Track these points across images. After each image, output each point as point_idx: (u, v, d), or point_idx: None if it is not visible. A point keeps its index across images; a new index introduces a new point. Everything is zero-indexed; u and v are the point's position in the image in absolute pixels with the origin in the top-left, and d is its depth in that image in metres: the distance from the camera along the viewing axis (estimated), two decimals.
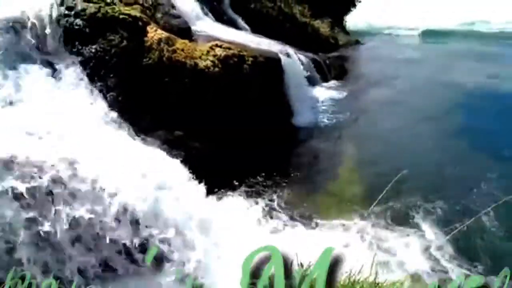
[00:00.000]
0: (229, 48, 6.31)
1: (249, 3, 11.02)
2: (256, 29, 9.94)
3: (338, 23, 15.64)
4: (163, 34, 5.88)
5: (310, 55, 10.24)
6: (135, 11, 5.86)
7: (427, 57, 13.31)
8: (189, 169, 4.79)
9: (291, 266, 1.38)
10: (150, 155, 4.39)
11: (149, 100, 5.39)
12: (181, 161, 4.92)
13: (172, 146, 5.32)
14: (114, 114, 4.84)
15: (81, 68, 5.15)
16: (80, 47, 5.22)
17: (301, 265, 1.66)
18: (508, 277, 1.41)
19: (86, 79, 5.10)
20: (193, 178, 4.68)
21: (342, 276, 1.77)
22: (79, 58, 5.19)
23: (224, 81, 6.00)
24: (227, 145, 5.78)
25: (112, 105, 5.01)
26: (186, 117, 5.69)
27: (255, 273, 1.33)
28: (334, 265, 1.35)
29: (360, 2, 16.62)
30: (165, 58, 5.64)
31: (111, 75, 5.24)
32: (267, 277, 1.33)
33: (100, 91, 5.11)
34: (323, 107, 8.27)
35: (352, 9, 16.68)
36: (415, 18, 20.07)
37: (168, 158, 4.68)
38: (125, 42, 5.45)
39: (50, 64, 4.91)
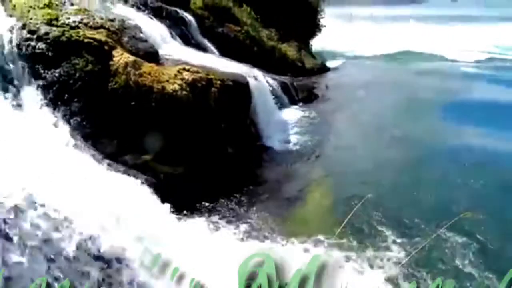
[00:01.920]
0: (197, 72, 6.32)
1: (217, 27, 11.19)
2: (224, 53, 10.07)
3: (304, 46, 16.11)
4: (130, 58, 5.84)
5: (278, 78, 10.44)
6: (100, 35, 5.81)
7: (389, 79, 13.85)
8: (157, 193, 4.70)
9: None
10: (116, 181, 4.27)
11: (115, 124, 5.29)
12: (149, 186, 4.84)
13: (139, 171, 5.22)
14: (78, 139, 4.70)
15: (43, 92, 5.01)
16: (42, 71, 5.10)
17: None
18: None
19: (48, 103, 4.97)
20: (161, 202, 4.58)
21: None
22: (42, 82, 5.05)
23: (192, 105, 5.98)
24: (196, 168, 5.72)
25: (76, 130, 4.88)
26: (154, 141, 5.61)
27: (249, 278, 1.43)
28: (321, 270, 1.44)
29: (325, 26, 17.22)
30: (131, 82, 5.58)
31: (75, 100, 5.13)
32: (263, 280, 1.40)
33: (64, 116, 4.97)
34: (291, 129, 8.38)
35: (317, 33, 17.26)
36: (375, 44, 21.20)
37: (135, 183, 4.58)
38: (90, 66, 5.37)
39: (10, 89, 4.75)
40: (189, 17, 10.24)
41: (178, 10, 10.05)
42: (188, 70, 6.30)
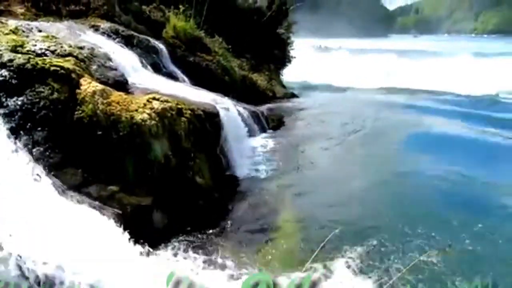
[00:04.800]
0: (167, 101, 6.28)
1: (188, 56, 11.27)
2: (196, 82, 10.11)
3: (275, 76, 16.49)
4: (98, 86, 5.75)
5: (249, 107, 10.54)
6: (68, 63, 5.71)
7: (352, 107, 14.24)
8: (123, 226, 4.54)
9: None
10: (78, 214, 4.10)
11: (80, 154, 5.13)
12: (114, 219, 4.68)
13: (105, 203, 5.04)
14: (39, 170, 4.51)
15: (5, 121, 4.82)
16: (4, 99, 4.92)
17: None
18: None
19: (10, 132, 4.77)
20: (126, 236, 4.42)
21: None
22: (3, 111, 4.86)
23: (161, 134, 5.91)
24: (164, 200, 5.60)
25: (38, 161, 4.69)
26: (121, 171, 5.47)
27: None
28: None
29: (295, 58, 17.78)
30: (99, 111, 5.47)
31: (39, 129, 4.95)
32: None
33: (25, 145, 4.77)
34: (262, 159, 8.41)
35: (287, 64, 17.77)
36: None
37: (99, 217, 4.41)
38: (55, 94, 5.23)
39: None
40: (160, 45, 10.28)
41: (149, 38, 10.09)
42: (157, 99, 6.25)
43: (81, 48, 6.61)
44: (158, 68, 9.35)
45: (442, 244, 5.08)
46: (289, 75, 18.60)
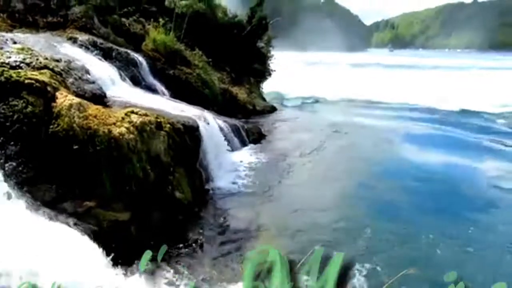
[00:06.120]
0: (146, 115, 6.22)
1: (168, 69, 11.24)
2: (176, 95, 10.07)
3: (255, 89, 16.59)
4: (74, 99, 5.64)
5: (229, 120, 10.55)
6: (43, 76, 5.59)
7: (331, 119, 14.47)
8: (98, 242, 4.43)
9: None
10: (52, 231, 3.97)
11: (55, 169, 4.99)
12: (89, 235, 4.56)
13: (80, 219, 4.91)
14: (11, 186, 4.36)
15: None
16: None
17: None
18: None
19: None
20: (101, 252, 4.31)
21: None
22: None
23: (139, 148, 5.82)
24: (142, 214, 5.49)
25: (10, 176, 4.54)
26: (98, 186, 5.35)
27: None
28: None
29: (275, 71, 17.95)
30: (75, 125, 5.35)
31: (12, 143, 4.80)
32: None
33: None
34: (242, 171, 8.38)
35: (267, 77, 17.92)
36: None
37: (74, 233, 4.28)
38: (30, 108, 5.10)
39: None
40: (140, 58, 10.22)
41: (129, 51, 10.02)
42: (136, 113, 6.18)
43: (57, 60, 6.50)
44: (137, 81, 9.28)
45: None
46: (268, 87, 18.83)
